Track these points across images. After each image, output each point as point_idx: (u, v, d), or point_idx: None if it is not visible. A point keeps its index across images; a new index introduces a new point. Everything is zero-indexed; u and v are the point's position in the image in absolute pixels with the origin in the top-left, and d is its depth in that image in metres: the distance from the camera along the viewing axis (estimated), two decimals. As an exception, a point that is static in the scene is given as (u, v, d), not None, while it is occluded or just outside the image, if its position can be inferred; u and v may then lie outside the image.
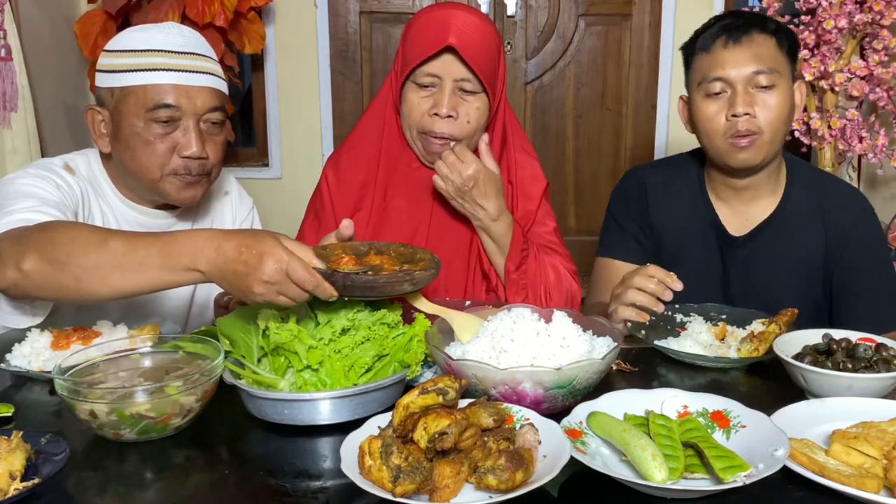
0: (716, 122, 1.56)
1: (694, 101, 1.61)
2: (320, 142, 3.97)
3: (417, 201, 1.64)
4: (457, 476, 0.88)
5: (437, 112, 1.52)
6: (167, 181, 1.46)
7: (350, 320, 1.15)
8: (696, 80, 1.59)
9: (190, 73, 1.43)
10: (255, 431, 1.11)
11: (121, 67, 1.43)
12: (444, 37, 1.48)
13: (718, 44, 1.55)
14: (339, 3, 3.88)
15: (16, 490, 0.88)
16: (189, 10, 3.04)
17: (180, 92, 1.42)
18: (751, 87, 1.53)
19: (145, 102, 1.41)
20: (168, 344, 1.23)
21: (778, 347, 1.25)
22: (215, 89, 1.47)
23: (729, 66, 1.53)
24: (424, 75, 1.52)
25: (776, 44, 1.55)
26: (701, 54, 1.58)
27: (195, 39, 1.48)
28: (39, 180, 1.41)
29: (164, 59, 1.42)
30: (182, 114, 1.43)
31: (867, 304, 1.59)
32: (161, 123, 1.42)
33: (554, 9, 3.98)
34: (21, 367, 1.27)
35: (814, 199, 1.62)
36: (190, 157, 1.44)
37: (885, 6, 2.81)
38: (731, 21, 1.57)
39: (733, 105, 1.53)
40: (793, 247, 1.61)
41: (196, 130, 1.44)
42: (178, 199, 1.49)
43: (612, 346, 1.16)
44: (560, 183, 4.20)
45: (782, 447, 0.92)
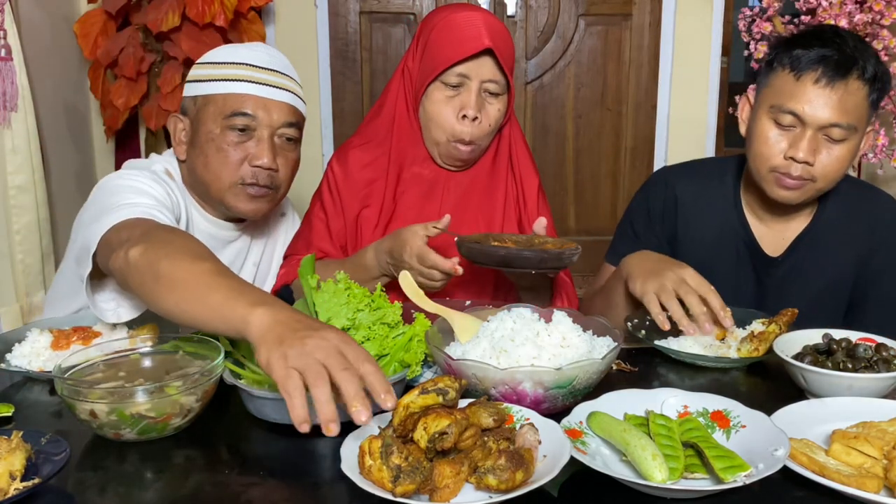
0: (772, 150, 1.45)
1: (758, 115, 1.49)
2: (320, 142, 3.97)
3: (428, 198, 1.65)
4: (457, 476, 0.88)
5: (465, 114, 1.53)
6: (235, 191, 1.49)
7: (350, 320, 1.15)
8: (770, 97, 1.46)
9: (269, 87, 1.48)
10: (255, 431, 1.11)
11: (205, 77, 1.49)
12: (481, 38, 1.50)
13: (810, 76, 1.40)
14: (339, 3, 3.88)
15: (16, 490, 0.88)
16: (189, 10, 3.03)
17: (258, 103, 1.46)
18: (821, 133, 1.42)
19: (223, 110, 1.46)
20: (168, 344, 1.23)
21: (778, 347, 1.25)
22: (293, 106, 1.51)
23: (810, 106, 1.40)
24: (455, 75, 1.53)
25: (867, 94, 1.42)
26: (787, 73, 1.43)
27: (281, 60, 1.53)
28: (152, 182, 1.42)
29: (247, 71, 1.48)
30: (258, 124, 1.47)
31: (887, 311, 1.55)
32: (236, 132, 1.46)
33: (554, 9, 3.98)
34: (21, 367, 1.27)
35: (847, 210, 1.56)
36: (260, 166, 1.47)
37: (885, 6, 2.81)
38: (834, 54, 1.40)
39: (796, 146, 1.42)
40: (828, 260, 1.55)
41: (269, 142, 1.48)
42: (244, 210, 1.52)
43: (612, 346, 1.16)
44: (560, 183, 4.20)
45: (782, 447, 0.92)
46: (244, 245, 1.65)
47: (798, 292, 1.57)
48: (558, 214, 1.83)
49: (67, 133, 3.29)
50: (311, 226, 1.69)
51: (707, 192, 1.63)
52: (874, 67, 1.42)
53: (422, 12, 3.87)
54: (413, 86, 1.61)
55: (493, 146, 1.67)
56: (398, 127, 1.64)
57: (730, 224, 1.60)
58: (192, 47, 3.08)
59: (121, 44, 3.08)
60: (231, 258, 1.62)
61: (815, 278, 1.57)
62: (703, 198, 1.62)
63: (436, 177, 1.65)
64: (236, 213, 1.54)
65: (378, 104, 1.70)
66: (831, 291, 1.58)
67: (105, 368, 1.16)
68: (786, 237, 1.58)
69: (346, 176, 1.66)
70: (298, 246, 1.71)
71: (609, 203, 4.26)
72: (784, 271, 1.58)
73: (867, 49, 1.44)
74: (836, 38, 1.43)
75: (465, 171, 1.66)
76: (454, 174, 1.66)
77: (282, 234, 1.76)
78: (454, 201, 1.65)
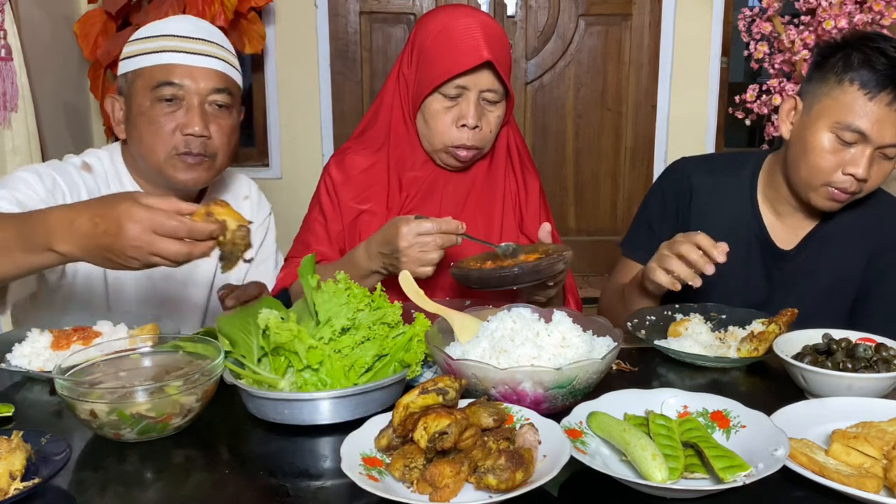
0: (830, 165, 1.44)
1: (816, 126, 1.46)
2: (320, 142, 3.97)
3: (428, 199, 1.65)
4: (457, 476, 0.88)
5: (465, 123, 1.54)
6: (171, 161, 1.49)
7: (350, 320, 1.15)
8: (836, 113, 1.43)
9: (195, 55, 1.48)
10: (255, 431, 1.11)
11: (133, 53, 1.50)
12: (480, 51, 1.49)
13: (883, 97, 1.39)
14: (339, 3, 3.88)
15: (16, 490, 0.88)
16: (189, 10, 3.04)
17: (184, 71, 1.46)
18: (878, 151, 1.43)
19: (151, 82, 1.46)
20: (168, 344, 1.23)
21: (778, 347, 1.25)
22: (221, 72, 1.50)
23: (879, 126, 1.39)
24: (454, 87, 1.53)
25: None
26: (857, 90, 1.41)
27: (208, 29, 1.53)
28: (34, 177, 1.44)
29: (172, 42, 1.48)
30: (185, 92, 1.46)
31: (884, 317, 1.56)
32: (165, 102, 1.46)
33: (554, 9, 3.98)
34: (21, 367, 1.27)
35: (856, 209, 1.56)
36: (192, 134, 1.47)
37: (885, 6, 2.81)
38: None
39: (856, 164, 1.42)
40: (836, 259, 1.57)
41: (200, 109, 1.47)
42: (182, 180, 1.51)
43: (612, 346, 1.16)
44: (560, 183, 4.20)
45: (782, 447, 0.92)
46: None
47: (807, 287, 1.58)
48: (558, 214, 1.84)
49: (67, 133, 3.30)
50: (310, 229, 1.69)
51: (722, 184, 1.64)
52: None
53: (422, 12, 3.87)
54: (409, 93, 1.61)
55: (491, 147, 1.67)
56: (395, 133, 1.64)
57: (743, 217, 1.61)
58: (192, 47, 3.08)
59: (121, 44, 3.05)
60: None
61: (824, 275, 1.58)
62: (718, 189, 1.63)
63: (435, 178, 1.65)
64: (176, 185, 1.52)
65: (373, 109, 1.70)
66: (839, 289, 1.59)
67: (105, 368, 1.16)
68: (798, 233, 1.60)
69: (345, 179, 1.66)
70: (297, 249, 1.71)
71: (609, 203, 4.26)
72: (795, 266, 1.59)
73: None
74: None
75: (465, 172, 1.66)
76: (453, 175, 1.66)
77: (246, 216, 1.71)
78: (454, 202, 1.65)
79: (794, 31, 2.93)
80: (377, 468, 0.93)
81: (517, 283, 1.33)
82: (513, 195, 1.70)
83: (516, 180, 1.71)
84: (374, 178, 1.65)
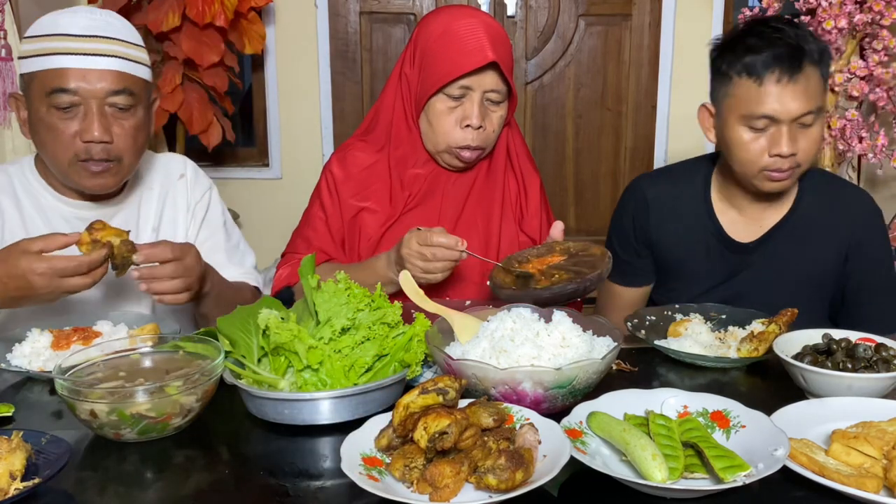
0: (755, 154, 1.49)
1: (729, 125, 1.52)
2: (320, 142, 3.97)
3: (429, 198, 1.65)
4: (457, 476, 0.88)
5: (469, 124, 1.54)
6: (75, 168, 1.43)
7: (350, 320, 1.15)
8: (738, 107, 1.49)
9: (90, 57, 1.38)
10: (255, 431, 1.11)
11: (27, 53, 1.41)
12: (485, 51, 1.50)
13: (771, 78, 1.44)
14: (339, 3, 3.88)
15: (16, 490, 0.88)
16: (189, 10, 3.04)
17: (78, 75, 1.38)
18: (796, 124, 1.47)
19: (44, 87, 1.38)
20: (168, 344, 1.23)
21: (778, 347, 1.25)
22: (119, 72, 1.41)
23: (780, 105, 1.45)
24: (458, 87, 1.53)
25: (820, 74, 1.48)
26: (747, 80, 1.47)
27: (104, 22, 1.42)
28: None
29: (64, 42, 1.38)
30: (81, 98, 1.39)
31: (875, 304, 1.60)
32: (62, 109, 1.39)
33: (554, 9, 3.98)
34: (21, 367, 1.27)
35: (825, 203, 1.60)
36: (92, 141, 1.39)
37: (885, 6, 2.81)
38: (783, 49, 1.45)
39: (778, 144, 1.46)
40: (806, 251, 1.59)
41: (98, 114, 1.39)
42: (88, 186, 1.45)
43: (612, 346, 1.16)
44: (560, 183, 4.20)
45: (782, 447, 0.93)
46: (130, 215, 1.58)
47: (776, 281, 1.60)
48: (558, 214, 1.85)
49: (67, 133, 3.29)
50: (312, 225, 1.68)
51: (677, 191, 1.68)
52: (816, 46, 1.48)
53: (422, 12, 3.87)
54: (412, 94, 1.61)
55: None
56: (396, 132, 1.64)
57: (698, 218, 1.65)
58: (192, 47, 3.09)
59: (121, 44, 3.07)
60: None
61: (794, 268, 1.60)
62: (672, 198, 1.68)
63: (436, 177, 1.65)
64: (83, 190, 1.48)
65: (375, 108, 1.70)
66: (812, 281, 1.61)
67: (105, 368, 1.16)
68: (762, 224, 1.62)
69: (346, 176, 1.66)
70: (298, 244, 1.70)
71: (609, 203, 4.25)
72: (759, 257, 1.62)
73: (803, 30, 1.49)
74: (776, 32, 1.48)
75: (465, 173, 1.67)
76: (453, 174, 1.66)
77: (181, 197, 1.66)
78: (454, 201, 1.66)
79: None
80: (377, 468, 0.93)
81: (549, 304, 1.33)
82: (513, 194, 1.70)
83: (516, 180, 1.71)
84: (375, 176, 1.65)
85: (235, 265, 1.68)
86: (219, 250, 1.67)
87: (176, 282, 1.34)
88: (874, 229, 1.62)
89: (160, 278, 1.33)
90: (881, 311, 1.61)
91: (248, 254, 1.75)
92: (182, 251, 1.35)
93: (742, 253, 1.62)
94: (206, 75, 3.20)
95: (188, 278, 1.35)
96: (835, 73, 2.87)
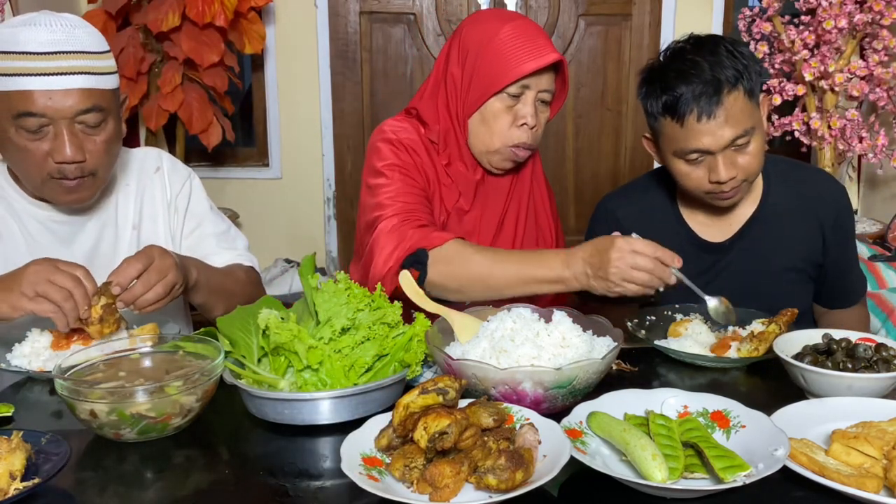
0: (696, 181, 1.50)
1: (666, 158, 1.53)
2: (320, 142, 3.96)
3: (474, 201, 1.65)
4: (457, 476, 0.88)
5: (525, 122, 1.54)
6: (49, 185, 1.39)
7: (350, 320, 1.15)
8: (669, 145, 1.49)
9: (55, 77, 1.32)
10: (255, 431, 1.11)
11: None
12: (550, 51, 1.52)
13: (691, 118, 1.43)
14: (339, 3, 3.87)
15: (16, 490, 0.88)
16: (189, 10, 3.03)
17: (44, 97, 1.32)
18: (730, 149, 1.46)
19: (10, 109, 1.33)
20: (168, 344, 1.23)
21: (778, 347, 1.25)
22: (86, 89, 1.35)
23: (708, 139, 1.43)
24: (519, 86, 1.53)
25: (744, 93, 1.44)
26: (670, 121, 1.47)
27: (66, 34, 1.34)
28: None
29: (27, 62, 1.31)
30: (50, 119, 1.33)
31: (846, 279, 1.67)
32: (31, 131, 1.34)
33: (554, 9, 3.98)
34: (21, 367, 1.27)
35: (792, 190, 1.62)
36: (64, 161, 1.35)
37: (885, 6, 2.80)
38: (700, 88, 1.42)
39: (716, 172, 1.46)
40: (782, 240, 1.61)
41: (69, 134, 1.34)
42: (65, 202, 1.43)
43: (612, 346, 1.16)
44: (560, 183, 4.20)
45: (782, 447, 0.93)
46: (108, 217, 1.55)
47: (757, 274, 1.61)
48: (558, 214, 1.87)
49: (67, 133, 3.29)
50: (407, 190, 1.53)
51: (644, 205, 1.68)
52: (734, 67, 1.44)
53: (422, 12, 3.87)
54: (461, 94, 1.58)
55: None
56: (443, 133, 1.61)
57: (670, 227, 1.65)
58: (192, 47, 3.08)
59: (121, 44, 3.08)
60: (97, 233, 1.53)
61: (772, 259, 1.62)
62: (640, 211, 1.68)
63: (480, 179, 1.65)
64: (59, 205, 1.46)
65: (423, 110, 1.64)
66: (794, 270, 1.63)
67: (105, 368, 1.16)
68: (733, 224, 1.63)
69: (415, 150, 1.59)
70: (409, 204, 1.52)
71: (609, 203, 4.25)
72: (736, 255, 1.63)
73: (717, 52, 1.45)
74: (692, 67, 1.44)
75: (502, 177, 1.66)
76: (491, 178, 1.66)
77: (158, 191, 1.61)
78: (494, 206, 1.66)
79: (794, 31, 2.93)
80: (377, 468, 0.93)
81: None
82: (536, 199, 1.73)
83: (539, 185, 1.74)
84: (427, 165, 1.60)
85: (227, 249, 1.64)
86: (207, 238, 1.64)
87: (157, 288, 1.30)
88: (843, 208, 1.64)
89: (141, 294, 1.30)
90: (853, 282, 1.68)
91: (239, 237, 1.71)
92: (146, 256, 1.32)
93: (717, 253, 1.63)
94: (206, 75, 3.20)
95: (166, 278, 1.32)
96: (835, 73, 2.86)
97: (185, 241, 1.62)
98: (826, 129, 2.96)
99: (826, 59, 2.89)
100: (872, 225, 3.09)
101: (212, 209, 1.68)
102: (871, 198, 3.42)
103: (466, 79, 1.57)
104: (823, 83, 2.92)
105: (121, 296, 1.29)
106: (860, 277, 1.71)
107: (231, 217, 3.65)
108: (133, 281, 1.29)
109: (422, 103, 1.64)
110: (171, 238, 1.61)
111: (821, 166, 3.00)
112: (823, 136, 2.97)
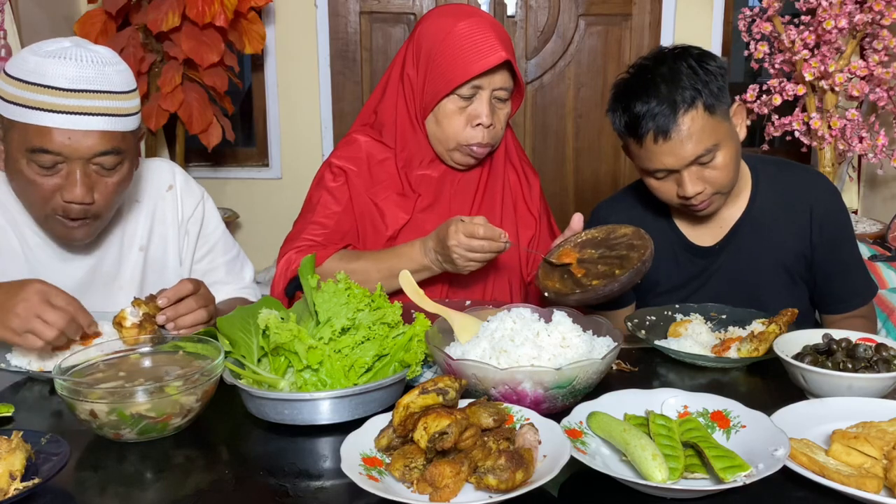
0: (667, 195, 1.52)
1: (639, 171, 1.55)
2: (320, 142, 3.96)
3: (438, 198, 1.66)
4: (457, 476, 0.88)
5: (480, 122, 1.55)
6: (51, 221, 1.38)
7: (350, 320, 1.15)
8: (637, 161, 1.52)
9: (77, 116, 1.29)
10: (255, 431, 1.11)
11: (9, 97, 1.31)
12: (498, 52, 1.52)
13: (650, 139, 1.44)
14: (339, 3, 3.87)
15: (16, 490, 0.88)
16: (189, 10, 3.03)
17: (63, 136, 1.29)
18: (695, 165, 1.46)
19: (26, 143, 1.30)
20: (168, 344, 1.23)
21: (778, 347, 1.25)
22: (107, 132, 1.32)
23: (667, 159, 1.45)
24: (470, 87, 1.54)
25: (704, 109, 1.43)
26: (633, 141, 1.49)
27: (95, 71, 1.31)
28: None
29: (50, 97, 1.28)
30: (65, 158, 1.30)
31: (844, 282, 1.64)
32: (43, 167, 1.31)
33: (554, 9, 3.98)
34: (21, 367, 1.27)
35: (780, 190, 1.62)
36: (72, 201, 1.33)
37: (885, 6, 2.80)
38: (657, 110, 1.42)
39: (683, 187, 1.47)
40: (772, 240, 1.61)
41: (82, 175, 1.32)
42: (66, 238, 1.41)
43: (612, 346, 1.16)
44: (560, 183, 4.20)
45: (782, 447, 0.92)
46: (113, 236, 1.52)
47: (750, 275, 1.61)
48: (558, 214, 1.86)
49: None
50: (324, 213, 1.63)
51: (636, 212, 1.69)
52: (691, 83, 1.43)
53: (422, 12, 3.87)
54: (416, 95, 1.60)
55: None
56: (401, 133, 1.63)
57: (662, 232, 1.65)
58: (192, 47, 3.08)
59: (121, 44, 3.08)
60: (100, 252, 1.51)
61: (764, 260, 1.61)
62: (632, 218, 1.67)
63: (444, 177, 1.66)
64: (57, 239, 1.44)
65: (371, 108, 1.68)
66: (786, 271, 1.62)
67: (105, 368, 1.16)
68: (723, 227, 1.63)
69: (360, 170, 1.64)
70: (311, 229, 1.63)
71: (609, 203, 4.25)
72: (727, 257, 1.63)
73: (677, 70, 1.45)
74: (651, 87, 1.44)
75: (471, 171, 1.67)
76: (458, 174, 1.67)
77: (170, 209, 1.59)
78: (464, 200, 1.67)
79: (794, 31, 2.93)
80: (377, 468, 0.93)
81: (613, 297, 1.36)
82: (513, 187, 1.72)
83: (516, 172, 1.73)
84: (386, 173, 1.65)
85: (234, 281, 1.66)
86: (217, 267, 1.64)
87: (199, 312, 1.32)
88: (831, 207, 1.62)
89: (184, 313, 1.30)
90: (853, 285, 1.64)
91: (247, 266, 1.71)
92: (195, 283, 1.34)
93: (709, 256, 1.63)
94: (206, 75, 3.20)
95: (208, 307, 1.34)
96: (835, 73, 2.86)
97: (197, 266, 1.63)
98: (826, 129, 2.96)
99: (826, 59, 2.89)
100: (872, 225, 3.09)
101: (224, 233, 1.68)
102: (871, 198, 3.41)
103: (420, 80, 1.59)
104: (823, 83, 2.92)
105: (165, 309, 1.29)
106: (864, 282, 1.66)
107: (231, 217, 3.65)
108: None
109: (382, 104, 1.66)
110: (180, 261, 1.60)
111: (821, 166, 3.00)
112: (823, 136, 2.97)
